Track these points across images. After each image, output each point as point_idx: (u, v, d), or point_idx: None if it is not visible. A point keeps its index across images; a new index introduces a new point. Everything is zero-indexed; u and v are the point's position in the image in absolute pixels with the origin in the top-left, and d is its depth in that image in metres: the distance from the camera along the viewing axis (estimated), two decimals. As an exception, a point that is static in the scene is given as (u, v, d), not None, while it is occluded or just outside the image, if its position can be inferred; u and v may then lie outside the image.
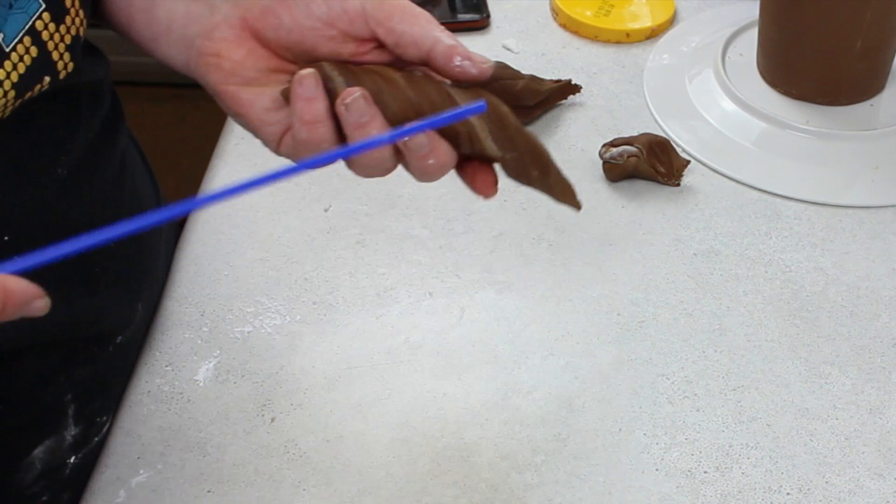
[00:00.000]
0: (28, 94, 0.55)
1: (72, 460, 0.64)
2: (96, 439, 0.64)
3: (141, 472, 0.60)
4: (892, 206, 0.77)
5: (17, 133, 0.56)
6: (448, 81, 0.51)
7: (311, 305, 0.69)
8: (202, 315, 0.69)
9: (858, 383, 0.65)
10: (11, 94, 0.53)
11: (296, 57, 0.52)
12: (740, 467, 0.60)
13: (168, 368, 0.66)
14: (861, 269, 0.72)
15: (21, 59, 0.54)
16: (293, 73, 0.50)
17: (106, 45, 0.66)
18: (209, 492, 0.59)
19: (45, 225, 0.58)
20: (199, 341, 0.67)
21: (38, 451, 0.62)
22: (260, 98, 0.52)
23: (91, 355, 0.63)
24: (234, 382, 0.65)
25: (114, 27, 0.60)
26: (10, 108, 0.54)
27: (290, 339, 0.67)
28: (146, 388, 0.65)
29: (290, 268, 0.72)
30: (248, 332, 0.68)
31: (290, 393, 0.64)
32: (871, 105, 0.85)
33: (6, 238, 0.55)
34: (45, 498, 0.63)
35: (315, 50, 0.51)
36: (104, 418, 0.64)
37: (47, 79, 0.56)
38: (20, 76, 0.53)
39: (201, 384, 0.65)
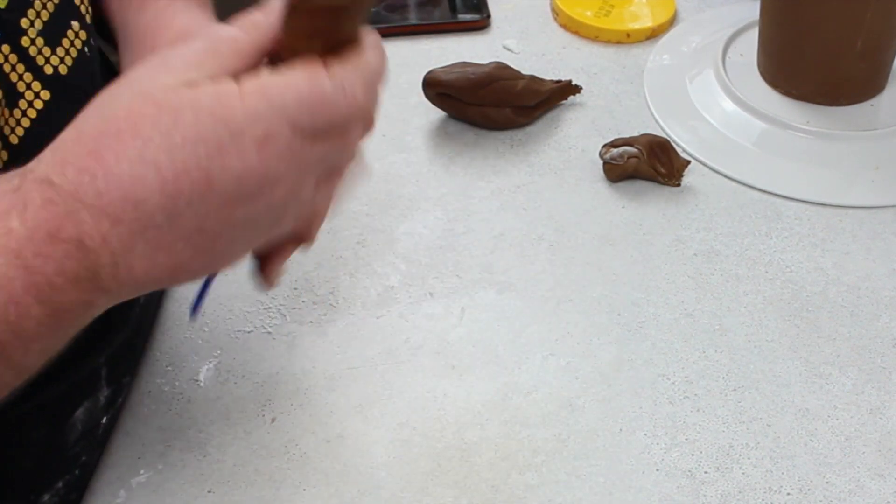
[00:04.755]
0: (65, 41, 0.56)
1: (104, 420, 0.65)
2: (121, 399, 0.66)
3: (141, 472, 0.60)
4: (893, 206, 0.77)
5: (83, 91, 0.57)
6: None
7: (311, 305, 0.69)
8: (202, 315, 0.69)
9: (858, 383, 0.65)
10: (40, 40, 0.55)
11: None
12: (740, 467, 0.60)
13: (168, 368, 0.66)
14: (861, 270, 0.72)
15: (44, 5, 0.55)
16: None
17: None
18: (209, 492, 0.59)
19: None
20: (199, 341, 0.67)
21: (79, 413, 0.64)
22: None
23: (125, 318, 0.63)
24: (235, 382, 0.65)
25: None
26: (60, 62, 0.56)
27: (290, 339, 0.67)
28: (146, 388, 0.65)
29: (290, 268, 0.72)
30: (249, 333, 0.68)
31: (290, 393, 0.64)
32: (872, 105, 0.85)
33: None
34: (84, 458, 0.64)
35: None
36: (127, 378, 0.66)
37: (76, 23, 0.57)
38: (45, 23, 0.55)
39: (202, 384, 0.65)
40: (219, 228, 0.44)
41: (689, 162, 0.78)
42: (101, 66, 0.63)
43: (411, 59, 0.90)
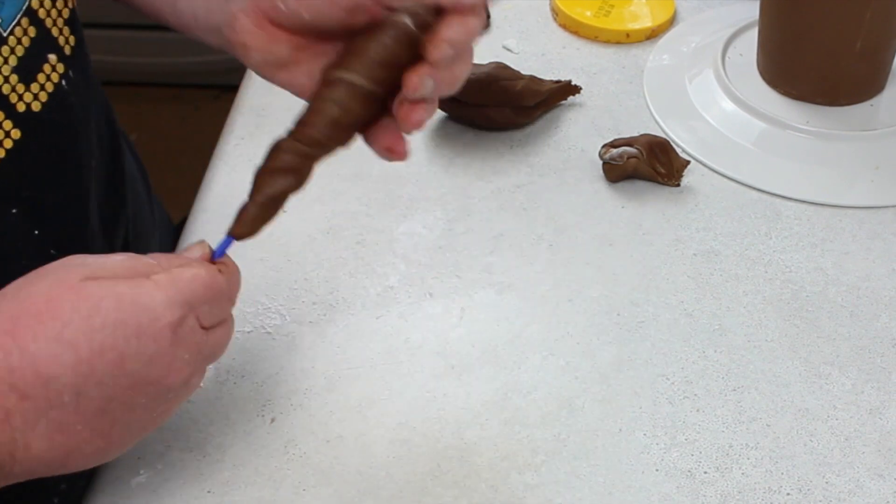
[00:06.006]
0: (40, 76, 0.56)
1: None
2: None
3: (141, 472, 0.60)
4: (892, 206, 0.77)
5: (58, 126, 0.58)
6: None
7: (310, 305, 0.69)
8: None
9: (858, 383, 0.65)
10: (14, 77, 0.54)
11: (314, 34, 0.53)
12: (740, 467, 0.60)
13: (168, 368, 0.66)
14: (861, 270, 0.72)
15: (19, 41, 0.55)
16: (319, 49, 0.53)
17: (106, 46, 0.66)
18: (209, 492, 0.59)
19: (74, 220, 0.60)
20: (199, 341, 0.67)
21: None
22: (296, 77, 0.54)
23: None
24: (234, 383, 0.65)
25: (143, 14, 0.62)
26: (34, 98, 0.56)
27: (289, 340, 0.67)
28: (146, 388, 0.64)
29: (290, 268, 0.72)
30: (249, 333, 0.68)
31: (290, 393, 0.64)
32: (871, 105, 0.85)
33: (36, 232, 0.57)
34: (63, 486, 0.64)
35: (325, 26, 0.52)
36: None
37: (53, 56, 0.57)
38: (20, 58, 0.54)
39: (201, 384, 0.64)
40: (119, 413, 0.47)
41: (688, 162, 0.78)
42: (89, 90, 0.63)
43: (411, 59, 0.90)
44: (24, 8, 0.55)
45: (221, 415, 0.63)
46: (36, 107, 0.56)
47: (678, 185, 0.78)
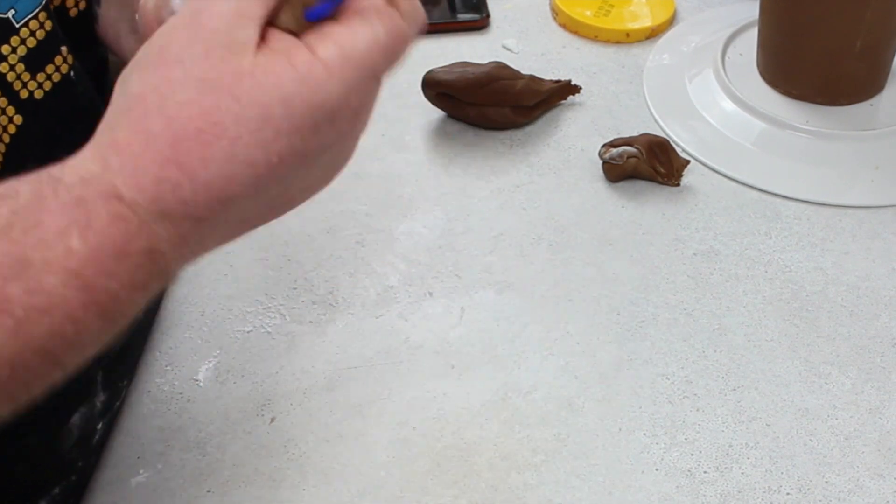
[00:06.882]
0: (49, 67, 0.56)
1: (100, 426, 0.65)
2: (118, 404, 0.65)
3: (141, 472, 0.60)
4: (892, 206, 0.77)
5: (60, 112, 0.57)
6: None
7: (310, 305, 0.69)
8: (202, 315, 0.69)
9: (858, 383, 0.65)
10: (21, 66, 0.54)
11: None
12: (740, 467, 0.60)
13: (168, 368, 0.66)
14: (861, 269, 0.72)
15: (33, 33, 0.55)
16: None
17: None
18: (209, 492, 0.59)
19: None
20: (199, 341, 0.67)
21: (75, 419, 0.64)
22: None
23: None
24: (234, 382, 0.65)
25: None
26: (38, 87, 0.56)
27: (289, 339, 0.67)
28: (146, 388, 0.65)
29: (289, 268, 0.72)
30: (248, 332, 0.68)
31: (290, 393, 0.64)
32: (871, 105, 0.85)
33: None
34: (80, 464, 0.64)
35: None
36: (124, 383, 0.65)
37: (65, 48, 0.57)
38: (30, 49, 0.54)
39: (201, 384, 0.65)
40: (298, 193, 0.43)
41: (688, 162, 0.78)
42: (97, 78, 0.63)
43: (410, 59, 0.89)
44: (43, 3, 0.55)
45: (221, 414, 0.63)
46: (38, 94, 0.56)
47: (678, 184, 0.78)
